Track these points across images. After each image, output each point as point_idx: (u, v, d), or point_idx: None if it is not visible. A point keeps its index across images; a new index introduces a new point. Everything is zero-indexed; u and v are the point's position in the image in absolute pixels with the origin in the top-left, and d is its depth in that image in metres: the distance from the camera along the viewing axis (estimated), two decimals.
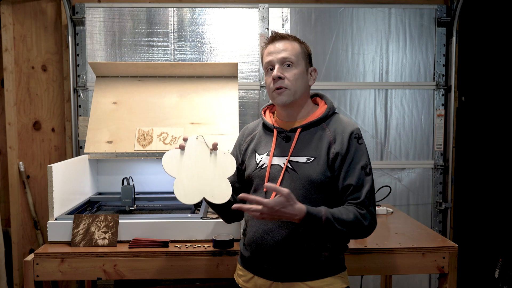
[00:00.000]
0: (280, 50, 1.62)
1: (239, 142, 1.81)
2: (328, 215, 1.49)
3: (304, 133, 1.63)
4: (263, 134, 1.73)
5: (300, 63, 1.63)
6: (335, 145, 1.58)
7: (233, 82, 2.74)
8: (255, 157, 1.70)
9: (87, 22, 3.22)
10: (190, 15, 3.26)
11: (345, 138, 1.58)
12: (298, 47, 1.64)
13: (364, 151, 1.59)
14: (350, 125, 1.62)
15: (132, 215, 2.35)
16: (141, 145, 2.53)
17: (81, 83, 3.24)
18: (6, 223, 3.31)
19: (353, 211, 1.53)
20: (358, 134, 1.60)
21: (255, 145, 1.73)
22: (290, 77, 1.61)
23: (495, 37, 3.21)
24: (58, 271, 1.99)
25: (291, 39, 1.64)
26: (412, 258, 2.03)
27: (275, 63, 1.62)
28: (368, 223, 1.54)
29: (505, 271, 2.75)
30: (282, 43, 1.63)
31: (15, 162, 3.26)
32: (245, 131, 1.83)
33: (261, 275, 1.64)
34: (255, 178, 1.67)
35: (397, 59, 3.34)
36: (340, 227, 1.50)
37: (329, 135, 1.61)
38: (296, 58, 1.62)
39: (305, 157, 1.59)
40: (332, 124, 1.64)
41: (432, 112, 3.38)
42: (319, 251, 1.58)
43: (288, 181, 1.59)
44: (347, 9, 3.30)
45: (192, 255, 2.01)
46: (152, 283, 3.25)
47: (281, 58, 1.61)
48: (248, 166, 1.71)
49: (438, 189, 3.40)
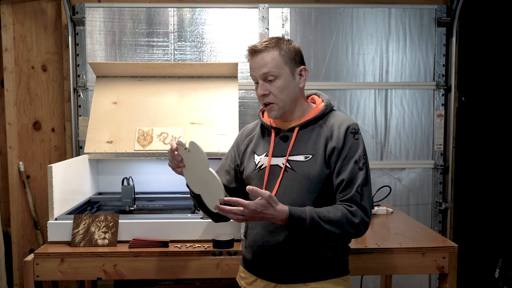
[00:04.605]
0: (260, 66, 1.57)
1: (238, 142, 1.81)
2: (312, 215, 1.46)
3: (301, 132, 1.63)
4: (262, 134, 1.72)
5: (283, 71, 1.58)
6: (331, 141, 1.56)
7: (233, 82, 2.74)
8: (253, 158, 1.69)
9: (87, 22, 3.22)
10: (190, 15, 3.26)
11: (341, 133, 1.56)
12: (278, 56, 1.57)
13: (359, 146, 1.56)
14: (347, 120, 1.61)
15: (132, 215, 2.35)
16: (141, 145, 2.53)
17: (81, 83, 3.24)
18: (6, 223, 3.32)
19: (341, 209, 1.50)
20: (354, 129, 1.58)
21: (254, 146, 1.72)
22: (275, 91, 1.58)
23: (495, 37, 3.21)
24: (58, 271, 1.99)
25: (269, 49, 1.57)
26: (412, 258, 2.03)
27: (257, 79, 1.60)
28: (359, 220, 1.50)
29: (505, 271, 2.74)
30: (260, 56, 1.57)
31: (15, 162, 3.26)
32: (244, 131, 1.82)
33: (263, 277, 1.63)
34: (253, 179, 1.66)
35: (397, 59, 3.34)
36: (328, 227, 1.47)
37: (326, 131, 1.59)
38: (277, 69, 1.57)
39: (303, 155, 1.58)
40: (329, 120, 1.62)
41: (432, 112, 3.38)
42: (321, 251, 1.57)
43: (287, 181, 1.58)
44: (347, 9, 3.30)
45: (192, 255, 2.01)
46: (152, 283, 3.25)
47: (261, 74, 1.57)
48: (247, 167, 1.70)
49: (438, 189, 3.40)
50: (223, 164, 1.82)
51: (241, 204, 1.42)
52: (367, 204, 1.53)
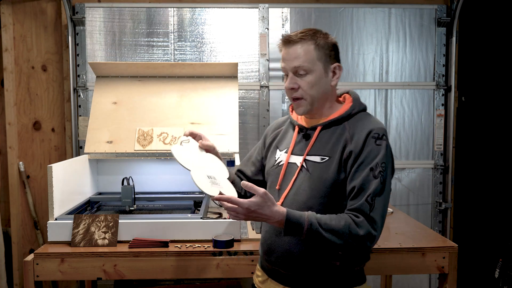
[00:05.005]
0: (292, 58, 1.49)
1: (266, 134, 1.75)
2: (312, 221, 1.37)
3: (324, 132, 1.54)
4: (288, 130, 1.66)
5: (316, 67, 1.49)
6: (350, 144, 1.45)
7: (233, 82, 2.74)
8: (275, 153, 1.64)
9: (87, 22, 3.22)
10: (190, 15, 3.26)
11: (362, 136, 1.45)
12: (313, 50, 1.48)
13: (380, 153, 1.43)
14: (372, 123, 1.48)
15: (132, 215, 2.35)
16: (141, 145, 2.53)
17: (81, 83, 3.24)
18: (6, 223, 3.31)
19: (345, 218, 1.39)
20: (378, 134, 1.45)
21: (278, 140, 1.67)
22: (305, 86, 1.49)
23: (495, 37, 3.21)
24: (58, 271, 1.99)
25: (304, 41, 1.49)
26: (412, 258, 2.03)
27: (288, 71, 1.51)
28: (364, 232, 1.37)
29: (505, 271, 2.74)
30: (293, 48, 1.49)
31: (15, 162, 3.26)
32: (274, 124, 1.76)
33: (273, 278, 1.59)
34: (271, 175, 1.62)
35: (397, 59, 3.34)
36: (329, 236, 1.37)
37: (348, 133, 1.48)
38: (309, 64, 1.48)
39: (320, 156, 1.50)
40: (354, 122, 1.51)
41: (432, 112, 3.38)
42: (329, 259, 1.48)
43: (301, 181, 1.51)
44: (347, 9, 3.30)
45: (192, 255, 2.01)
46: (152, 283, 3.25)
47: (292, 67, 1.49)
48: (268, 162, 1.66)
49: (438, 189, 3.39)
50: (250, 154, 1.78)
51: (234, 201, 1.35)
52: (378, 216, 1.40)
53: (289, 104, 1.76)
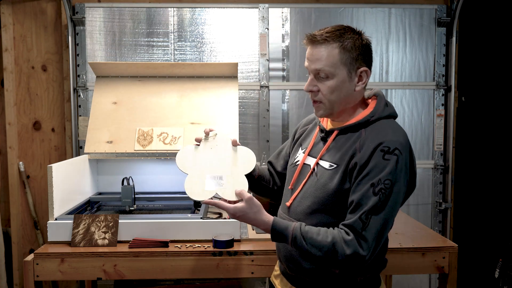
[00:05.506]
0: (314, 60, 1.40)
1: (296, 130, 1.71)
2: (296, 234, 1.34)
3: (340, 137, 1.46)
4: (313, 129, 1.61)
5: (339, 71, 1.39)
6: (358, 154, 1.37)
7: (233, 82, 2.74)
8: (297, 151, 1.60)
9: (87, 22, 3.22)
10: (190, 15, 3.26)
11: (369, 148, 1.35)
12: (337, 54, 1.38)
13: (386, 168, 1.32)
14: (387, 135, 1.36)
15: (132, 215, 2.35)
16: (141, 145, 2.53)
17: (81, 83, 3.24)
18: (6, 223, 3.31)
19: (333, 234, 1.33)
20: (388, 147, 1.33)
21: (303, 138, 1.62)
22: (324, 90, 1.41)
23: (495, 37, 3.21)
24: (58, 271, 1.99)
25: (328, 42, 1.38)
26: (412, 258, 2.03)
27: (309, 71, 1.44)
28: (350, 251, 1.29)
29: (505, 271, 2.74)
30: (317, 49, 1.40)
31: (15, 162, 3.26)
32: (304, 120, 1.71)
33: (283, 275, 1.59)
34: (288, 173, 1.61)
35: (397, 59, 3.34)
36: (309, 249, 1.33)
37: (359, 143, 1.39)
38: (331, 68, 1.38)
39: (330, 162, 1.43)
40: (371, 131, 1.40)
41: (432, 112, 3.38)
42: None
43: (309, 185, 1.47)
44: (347, 9, 3.30)
45: (192, 255, 2.01)
46: (152, 283, 3.25)
47: (314, 69, 1.41)
48: (290, 158, 1.64)
49: (438, 189, 3.39)
50: (282, 147, 1.77)
51: (220, 206, 1.44)
52: (371, 235, 1.30)
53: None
